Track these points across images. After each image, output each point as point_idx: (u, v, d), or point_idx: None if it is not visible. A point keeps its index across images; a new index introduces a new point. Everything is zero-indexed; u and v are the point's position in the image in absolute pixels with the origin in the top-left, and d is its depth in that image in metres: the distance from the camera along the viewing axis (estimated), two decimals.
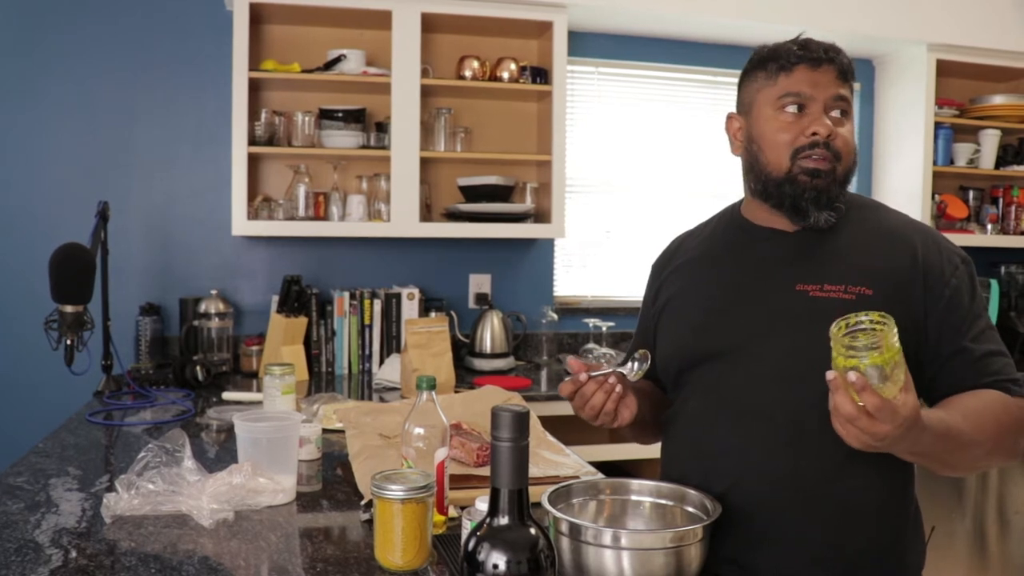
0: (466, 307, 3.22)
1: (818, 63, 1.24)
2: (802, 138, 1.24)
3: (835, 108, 1.25)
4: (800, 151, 1.24)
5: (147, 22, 2.90)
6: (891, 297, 1.17)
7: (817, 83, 1.24)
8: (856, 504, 1.18)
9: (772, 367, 1.21)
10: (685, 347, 1.34)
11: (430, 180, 3.09)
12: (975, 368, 1.21)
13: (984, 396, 1.19)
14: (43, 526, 1.31)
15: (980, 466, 1.30)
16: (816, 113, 1.24)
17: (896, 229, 1.26)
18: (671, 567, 1.04)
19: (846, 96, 1.26)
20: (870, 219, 1.28)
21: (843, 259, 1.23)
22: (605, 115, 3.39)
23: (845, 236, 1.25)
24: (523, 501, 0.86)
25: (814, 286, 1.21)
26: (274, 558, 1.22)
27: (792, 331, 1.21)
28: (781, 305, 1.23)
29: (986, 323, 1.23)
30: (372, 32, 2.95)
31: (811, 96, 1.24)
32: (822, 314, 1.15)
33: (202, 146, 2.96)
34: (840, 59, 1.26)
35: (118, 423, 2.08)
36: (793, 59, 1.25)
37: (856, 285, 1.19)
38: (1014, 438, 1.18)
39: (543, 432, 1.88)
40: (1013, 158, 3.55)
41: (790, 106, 1.25)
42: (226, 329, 2.85)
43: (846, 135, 1.25)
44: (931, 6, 3.24)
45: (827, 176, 1.23)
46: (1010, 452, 1.20)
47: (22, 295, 2.75)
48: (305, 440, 1.67)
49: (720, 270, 1.35)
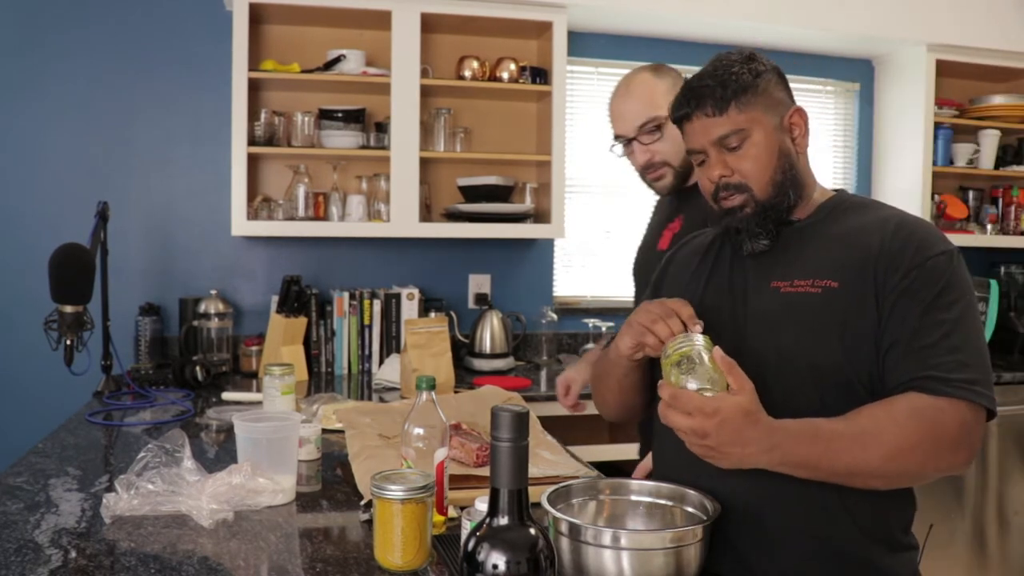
0: (466, 307, 3.23)
1: (688, 117, 1.28)
2: (709, 184, 1.29)
3: (724, 144, 1.26)
4: (715, 196, 1.29)
5: (147, 22, 2.90)
6: (855, 288, 1.17)
7: (698, 132, 1.27)
8: (848, 499, 1.17)
9: (747, 364, 1.21)
10: None
11: (430, 180, 3.09)
12: (908, 362, 1.13)
13: (894, 399, 1.13)
14: (43, 526, 1.31)
15: (887, 472, 1.11)
16: (712, 159, 1.27)
17: (873, 223, 1.23)
18: (671, 567, 1.04)
19: (730, 129, 1.24)
20: (854, 217, 1.28)
21: (815, 255, 1.24)
22: (605, 115, 3.38)
23: (824, 233, 1.26)
24: (523, 501, 0.86)
25: (785, 283, 1.23)
26: (274, 558, 1.22)
27: (765, 328, 1.23)
28: (757, 302, 1.26)
29: (952, 320, 1.14)
30: (372, 32, 2.95)
31: (701, 146, 1.28)
32: (791, 308, 1.21)
33: (202, 146, 2.97)
34: (706, 97, 1.25)
35: (118, 423, 2.08)
36: (676, 116, 1.30)
37: (823, 279, 1.20)
38: (921, 443, 1.09)
39: (542, 432, 1.88)
40: (1013, 158, 3.56)
41: (696, 158, 1.31)
42: (226, 329, 2.85)
43: (745, 162, 1.25)
44: (931, 6, 3.24)
45: (740, 210, 1.27)
46: (922, 459, 1.10)
47: (22, 295, 2.75)
48: (305, 440, 1.67)
49: (712, 267, 1.37)
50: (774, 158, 1.26)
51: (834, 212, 1.29)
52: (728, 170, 1.26)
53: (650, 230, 2.05)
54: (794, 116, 1.29)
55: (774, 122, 1.26)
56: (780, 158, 1.26)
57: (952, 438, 1.11)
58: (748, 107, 1.24)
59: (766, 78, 1.26)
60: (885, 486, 1.15)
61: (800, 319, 1.20)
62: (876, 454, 1.10)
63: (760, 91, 1.25)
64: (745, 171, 1.26)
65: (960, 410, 1.11)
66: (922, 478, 1.16)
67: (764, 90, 1.26)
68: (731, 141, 1.25)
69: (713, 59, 1.30)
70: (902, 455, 1.10)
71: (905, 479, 1.16)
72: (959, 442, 1.12)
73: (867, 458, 1.10)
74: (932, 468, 1.13)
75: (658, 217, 2.02)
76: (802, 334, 1.19)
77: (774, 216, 1.26)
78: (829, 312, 1.18)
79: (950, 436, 1.11)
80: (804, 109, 1.30)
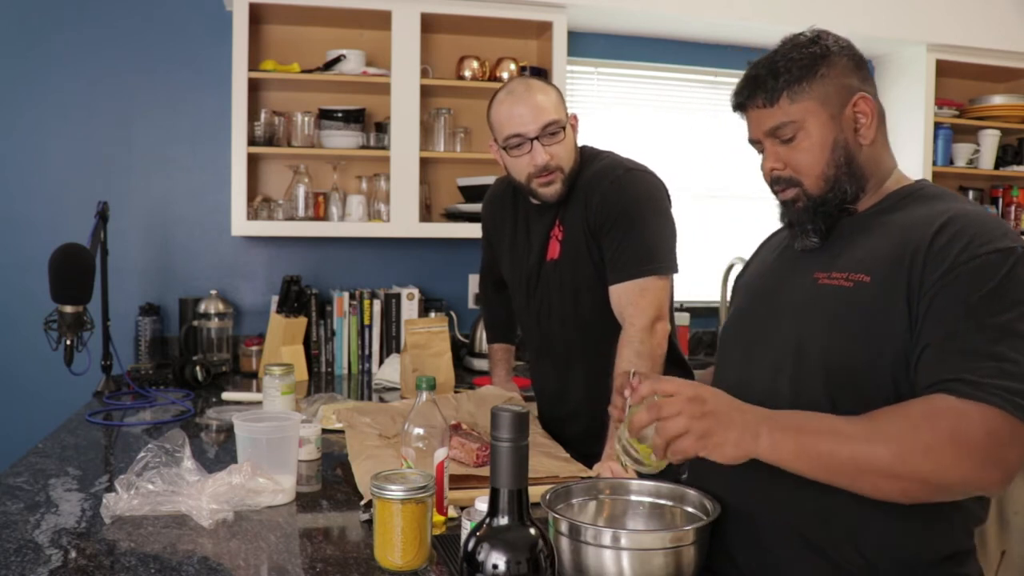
0: (466, 307, 3.22)
1: (742, 108, 1.25)
2: (767, 178, 1.27)
3: (774, 138, 1.22)
4: (771, 188, 1.27)
5: (147, 22, 2.90)
6: (886, 284, 1.08)
7: (752, 122, 1.25)
8: (862, 500, 1.08)
9: (768, 355, 1.20)
10: (724, 333, 1.37)
11: (430, 180, 3.09)
12: (939, 366, 1.01)
13: (913, 401, 1.02)
14: (43, 526, 1.31)
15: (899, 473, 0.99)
16: (767, 150, 1.24)
17: (928, 216, 1.11)
18: (670, 567, 1.04)
19: (781, 121, 1.19)
20: (916, 208, 1.16)
21: (862, 247, 1.17)
22: (604, 115, 3.39)
23: (880, 225, 1.18)
24: (523, 501, 0.86)
25: (825, 274, 1.18)
26: (274, 558, 1.22)
27: (793, 320, 1.19)
28: (793, 292, 1.22)
29: (999, 327, 0.99)
30: (372, 32, 2.95)
31: (756, 139, 1.25)
32: (819, 300, 1.16)
33: (202, 146, 2.96)
34: (758, 87, 1.21)
35: (118, 423, 2.08)
36: (733, 106, 1.27)
37: (857, 272, 1.13)
38: (936, 446, 0.97)
39: (542, 432, 1.88)
40: (1012, 158, 3.56)
41: (756, 148, 1.27)
42: (226, 329, 2.85)
43: (797, 155, 1.20)
44: (931, 6, 3.24)
45: (791, 205, 1.24)
46: (938, 465, 0.97)
47: (22, 295, 2.75)
48: (305, 440, 1.67)
49: (780, 252, 1.34)
50: (827, 151, 1.19)
51: (900, 203, 1.19)
52: (780, 163, 1.22)
53: (526, 239, 2.02)
54: (859, 103, 1.19)
55: (832, 112, 1.18)
56: (835, 151, 1.19)
57: (978, 448, 0.96)
58: (802, 97, 1.18)
59: (829, 63, 1.19)
60: (903, 495, 1.01)
61: (824, 313, 1.14)
62: (884, 451, 0.98)
63: (818, 78, 1.18)
64: (797, 164, 1.20)
65: (989, 417, 0.96)
66: (946, 491, 1.01)
67: (824, 77, 1.18)
68: (783, 133, 1.20)
69: (781, 41, 1.23)
70: (914, 456, 0.97)
71: (926, 489, 1.00)
72: (987, 455, 0.96)
73: (874, 453, 0.98)
74: (956, 479, 0.98)
75: (537, 227, 1.98)
76: (821, 329, 1.13)
77: (826, 211, 1.20)
78: (854, 307, 1.10)
79: (974, 445, 0.96)
80: (872, 95, 1.21)
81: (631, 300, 1.77)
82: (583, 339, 1.93)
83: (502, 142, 1.88)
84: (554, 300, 1.95)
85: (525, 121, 1.82)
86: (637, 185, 1.85)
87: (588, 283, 1.88)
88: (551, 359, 2.02)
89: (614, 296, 1.81)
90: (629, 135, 3.39)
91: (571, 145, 1.89)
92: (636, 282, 1.77)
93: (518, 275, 2.05)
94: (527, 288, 2.01)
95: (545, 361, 2.05)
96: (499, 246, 2.15)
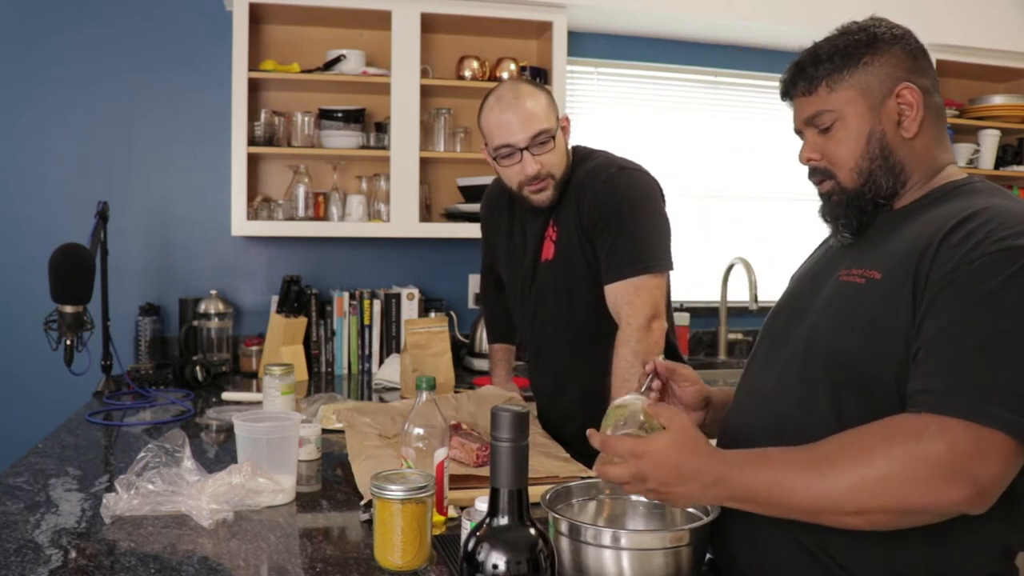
0: (466, 307, 3.23)
1: (788, 95, 1.23)
2: (805, 168, 1.23)
3: (812, 127, 1.19)
4: (810, 180, 1.23)
5: (147, 22, 2.90)
6: (894, 281, 1.03)
7: (795, 111, 1.22)
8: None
9: (783, 354, 1.19)
10: (762, 328, 1.35)
11: (430, 180, 3.09)
12: (917, 375, 0.96)
13: (880, 420, 0.96)
14: (43, 526, 1.31)
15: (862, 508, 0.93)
16: (806, 139, 1.21)
17: (953, 211, 1.05)
18: (670, 567, 1.04)
19: (817, 110, 1.16)
20: (951, 204, 1.09)
21: (883, 243, 1.12)
22: (604, 116, 3.39)
23: (914, 221, 1.13)
24: (523, 501, 0.86)
25: (846, 270, 1.14)
26: (274, 558, 1.22)
27: (814, 317, 1.16)
28: (822, 291, 1.19)
29: (992, 333, 0.93)
30: (372, 32, 2.95)
31: (798, 128, 1.23)
32: (834, 298, 1.13)
33: (202, 146, 2.97)
34: (799, 75, 1.18)
35: (118, 423, 2.08)
36: (781, 94, 1.24)
37: (872, 269, 1.09)
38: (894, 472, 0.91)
39: (542, 432, 1.88)
40: (1013, 158, 3.56)
41: (800, 139, 1.23)
42: (226, 329, 2.85)
43: (834, 145, 1.16)
44: (931, 6, 3.23)
45: (827, 198, 1.20)
46: (902, 492, 0.91)
47: (22, 295, 2.75)
48: (305, 440, 1.67)
49: (823, 252, 1.31)
50: (862, 143, 1.14)
51: (941, 199, 1.13)
52: (816, 153, 1.18)
53: (522, 240, 2.03)
54: (903, 94, 1.13)
55: (873, 102, 1.13)
56: (870, 143, 1.14)
57: (939, 466, 0.90)
58: (841, 86, 1.14)
59: (876, 51, 1.14)
60: (871, 526, 0.95)
61: (835, 310, 1.11)
62: (838, 484, 0.93)
63: (860, 67, 1.14)
64: (832, 155, 1.16)
65: (950, 431, 0.90)
66: (914, 516, 0.94)
67: (867, 65, 1.14)
68: (821, 122, 1.16)
69: (837, 28, 1.20)
70: (871, 487, 0.92)
71: (892, 519, 0.94)
72: (950, 472, 0.90)
73: (828, 489, 0.93)
74: (918, 504, 0.92)
75: (531, 228, 1.99)
76: (829, 327, 1.10)
77: (860, 205, 1.16)
78: (862, 305, 1.06)
79: (934, 464, 0.90)
80: (923, 87, 1.14)
81: (626, 299, 1.77)
82: (578, 340, 1.93)
83: (492, 151, 1.87)
84: (548, 301, 1.95)
85: (514, 131, 1.80)
86: (630, 184, 1.85)
87: (582, 283, 1.88)
88: (547, 360, 2.02)
89: (609, 295, 1.80)
90: (629, 135, 3.39)
91: (562, 151, 1.88)
92: (631, 281, 1.77)
93: (514, 276, 2.05)
94: (522, 289, 2.01)
95: (541, 362, 2.05)
96: (496, 247, 2.15)
